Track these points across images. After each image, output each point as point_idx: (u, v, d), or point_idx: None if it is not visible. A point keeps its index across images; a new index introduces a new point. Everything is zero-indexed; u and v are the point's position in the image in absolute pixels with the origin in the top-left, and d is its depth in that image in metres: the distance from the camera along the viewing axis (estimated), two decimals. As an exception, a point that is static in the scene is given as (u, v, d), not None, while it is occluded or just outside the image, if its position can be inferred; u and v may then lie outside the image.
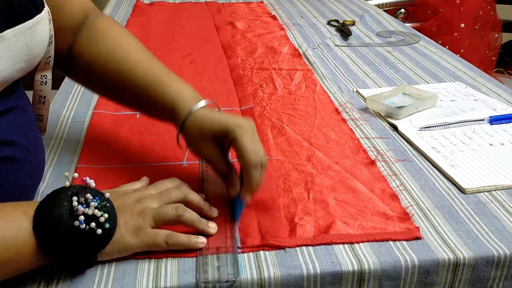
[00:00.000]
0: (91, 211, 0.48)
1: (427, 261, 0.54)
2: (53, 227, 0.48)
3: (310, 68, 1.08)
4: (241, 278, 0.51)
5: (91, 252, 0.50)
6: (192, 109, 0.61)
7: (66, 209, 0.48)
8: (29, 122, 0.61)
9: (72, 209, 0.48)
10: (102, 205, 0.50)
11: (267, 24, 1.41)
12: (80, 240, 0.48)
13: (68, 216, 0.48)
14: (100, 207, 0.49)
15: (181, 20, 1.43)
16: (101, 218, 0.49)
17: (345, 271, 0.53)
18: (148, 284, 0.50)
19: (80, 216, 0.48)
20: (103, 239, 0.50)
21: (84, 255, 0.50)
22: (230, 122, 0.58)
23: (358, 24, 1.44)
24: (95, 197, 0.50)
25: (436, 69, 1.10)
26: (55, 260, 0.49)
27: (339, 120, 0.85)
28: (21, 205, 0.51)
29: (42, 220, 0.48)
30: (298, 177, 0.69)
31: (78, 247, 0.49)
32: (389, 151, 0.76)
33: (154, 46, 1.20)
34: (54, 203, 0.49)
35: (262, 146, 0.58)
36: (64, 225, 0.48)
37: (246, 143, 0.56)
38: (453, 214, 0.62)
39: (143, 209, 0.54)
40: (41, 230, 0.48)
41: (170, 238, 0.53)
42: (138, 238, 0.52)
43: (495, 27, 2.32)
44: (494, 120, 0.84)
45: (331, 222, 0.59)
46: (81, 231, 0.48)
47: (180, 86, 0.65)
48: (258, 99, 0.93)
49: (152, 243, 0.53)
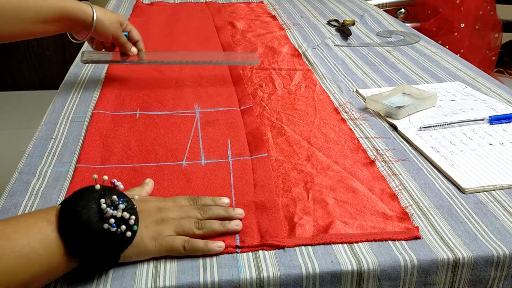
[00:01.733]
0: (119, 213, 0.49)
1: (426, 261, 0.54)
2: (82, 231, 0.47)
3: (310, 68, 1.08)
4: (240, 277, 0.51)
5: (117, 253, 0.50)
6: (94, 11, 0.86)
7: (95, 211, 0.48)
8: None
9: (101, 212, 0.48)
10: (129, 207, 0.51)
11: (267, 24, 1.41)
12: (109, 242, 0.49)
13: (97, 219, 0.48)
14: (128, 209, 0.50)
15: (181, 20, 1.43)
16: (130, 220, 0.50)
17: (344, 270, 0.53)
18: (147, 284, 0.50)
19: (110, 219, 0.48)
20: (128, 241, 0.50)
21: (110, 256, 0.50)
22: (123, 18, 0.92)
23: (358, 24, 1.44)
24: (120, 198, 0.50)
25: (436, 69, 1.10)
26: (81, 263, 0.49)
27: (339, 120, 0.85)
28: (42, 214, 0.49)
29: (71, 224, 0.47)
30: (298, 177, 0.69)
31: (106, 248, 0.49)
32: (388, 151, 0.76)
33: (154, 46, 1.20)
34: (82, 206, 0.48)
35: None
36: (94, 228, 0.48)
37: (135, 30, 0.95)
38: (452, 214, 0.62)
39: (164, 218, 0.55)
40: (70, 234, 0.47)
41: (188, 244, 0.53)
42: (157, 242, 0.53)
43: (495, 27, 2.32)
44: (494, 120, 0.84)
45: (331, 221, 0.59)
46: (111, 234, 0.48)
47: None
48: (258, 99, 0.93)
49: (170, 248, 0.53)
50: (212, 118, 0.85)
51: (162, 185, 0.66)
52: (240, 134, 0.80)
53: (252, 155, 0.74)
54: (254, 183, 0.67)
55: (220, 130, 0.81)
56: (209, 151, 0.74)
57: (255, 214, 0.60)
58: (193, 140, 0.78)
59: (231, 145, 0.76)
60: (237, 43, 1.24)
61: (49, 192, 0.64)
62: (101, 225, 0.48)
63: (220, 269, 0.52)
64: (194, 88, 0.98)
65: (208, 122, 0.83)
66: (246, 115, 0.86)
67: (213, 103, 0.91)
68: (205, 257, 0.54)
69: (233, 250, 0.55)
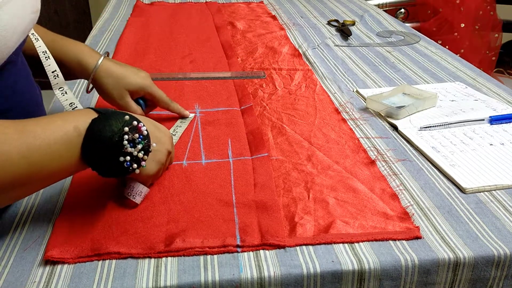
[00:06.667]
0: (135, 152, 0.55)
1: (427, 260, 0.54)
2: (99, 153, 0.53)
3: (310, 68, 1.08)
4: (241, 277, 0.51)
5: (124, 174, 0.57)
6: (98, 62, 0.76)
7: (115, 142, 0.54)
8: None
9: (122, 143, 0.54)
10: (146, 147, 0.57)
11: (267, 24, 1.41)
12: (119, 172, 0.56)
13: (115, 151, 0.54)
14: (144, 149, 0.56)
15: (181, 20, 1.43)
16: (142, 162, 0.57)
17: (345, 270, 0.53)
18: (148, 283, 0.50)
19: (126, 157, 0.54)
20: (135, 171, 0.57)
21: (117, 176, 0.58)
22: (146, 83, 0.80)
23: (358, 24, 1.44)
24: (140, 136, 0.56)
25: (436, 69, 1.10)
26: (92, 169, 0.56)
27: (339, 120, 0.85)
28: (71, 118, 0.54)
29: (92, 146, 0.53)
30: (298, 177, 0.69)
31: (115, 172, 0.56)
32: (389, 151, 0.76)
33: (154, 46, 1.20)
34: (106, 131, 0.53)
35: None
36: (110, 157, 0.54)
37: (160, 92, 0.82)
38: (453, 213, 0.62)
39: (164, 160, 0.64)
40: (90, 153, 0.53)
41: None
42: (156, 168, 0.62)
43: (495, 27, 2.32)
44: (494, 120, 0.84)
45: (331, 221, 0.59)
46: (123, 167, 0.55)
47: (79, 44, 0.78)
48: (258, 99, 0.93)
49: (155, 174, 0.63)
50: (212, 117, 0.85)
51: (162, 185, 0.66)
52: (240, 134, 0.80)
53: (253, 155, 0.74)
54: (255, 183, 0.67)
55: (221, 129, 0.81)
56: (209, 151, 0.74)
57: (255, 214, 0.60)
58: (193, 139, 0.78)
59: (231, 145, 0.76)
60: (237, 43, 1.24)
61: (50, 191, 0.64)
62: (117, 157, 0.54)
63: (221, 269, 0.52)
64: (194, 87, 0.98)
65: (209, 122, 0.83)
66: (246, 115, 0.86)
67: (214, 103, 0.91)
68: (206, 256, 0.54)
69: (234, 250, 0.55)
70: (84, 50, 0.77)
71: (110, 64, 0.78)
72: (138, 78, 0.79)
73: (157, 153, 0.62)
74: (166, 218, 0.59)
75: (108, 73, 0.77)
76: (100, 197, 0.63)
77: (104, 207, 0.61)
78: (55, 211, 0.61)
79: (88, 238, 0.56)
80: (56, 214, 0.60)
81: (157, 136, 0.62)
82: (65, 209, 0.61)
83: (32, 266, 0.52)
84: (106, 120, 0.54)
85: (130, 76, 0.79)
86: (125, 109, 0.79)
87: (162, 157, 0.63)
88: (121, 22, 1.40)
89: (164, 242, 0.55)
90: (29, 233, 0.57)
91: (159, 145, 0.62)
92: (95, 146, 0.53)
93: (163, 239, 0.56)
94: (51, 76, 0.72)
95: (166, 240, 0.56)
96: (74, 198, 0.63)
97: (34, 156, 0.49)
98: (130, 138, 0.55)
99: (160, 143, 0.63)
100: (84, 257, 0.53)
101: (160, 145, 0.63)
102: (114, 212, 0.60)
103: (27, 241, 0.56)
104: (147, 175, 0.61)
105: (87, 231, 0.57)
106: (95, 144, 0.53)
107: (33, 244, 0.56)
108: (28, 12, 0.59)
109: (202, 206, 0.62)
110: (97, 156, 0.54)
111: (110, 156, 0.54)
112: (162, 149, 0.63)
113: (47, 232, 0.57)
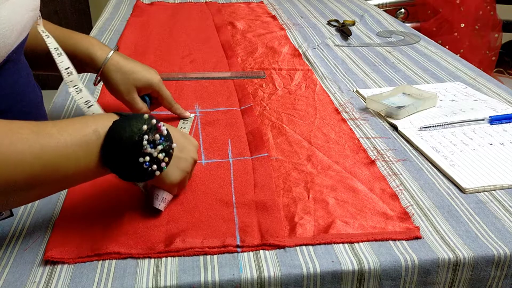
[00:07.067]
0: (156, 153, 0.54)
1: (427, 260, 0.54)
2: (119, 154, 0.52)
3: (310, 68, 1.08)
4: (241, 277, 0.51)
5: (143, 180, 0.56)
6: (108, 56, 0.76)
7: (134, 142, 0.52)
8: None
9: (141, 143, 0.53)
10: (167, 148, 0.55)
11: (267, 24, 1.41)
12: (139, 173, 0.54)
13: (135, 151, 0.52)
14: (165, 150, 0.55)
15: (181, 20, 1.43)
16: (162, 163, 0.55)
17: (345, 270, 0.53)
18: (148, 283, 0.50)
19: (146, 157, 0.53)
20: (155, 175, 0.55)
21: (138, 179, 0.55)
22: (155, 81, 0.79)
23: (358, 24, 1.44)
24: (161, 137, 0.55)
25: (436, 69, 1.10)
26: None
27: (339, 120, 0.85)
28: (91, 122, 0.53)
29: (111, 147, 0.52)
30: (298, 177, 0.69)
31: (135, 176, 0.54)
32: (389, 151, 0.76)
33: (154, 46, 1.20)
34: (126, 132, 0.52)
35: None
36: (129, 160, 0.52)
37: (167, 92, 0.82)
38: (453, 213, 0.62)
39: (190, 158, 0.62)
40: (110, 156, 0.52)
41: None
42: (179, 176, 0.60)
43: (495, 27, 2.32)
44: (494, 120, 0.84)
45: (331, 221, 0.59)
46: (143, 168, 0.53)
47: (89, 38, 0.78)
48: (258, 99, 0.93)
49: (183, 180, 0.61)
50: (212, 118, 0.85)
51: (162, 185, 0.66)
52: (240, 134, 0.80)
53: (253, 155, 0.74)
54: (255, 183, 0.67)
55: (221, 130, 0.81)
56: (209, 151, 0.74)
57: (255, 214, 0.60)
58: (193, 140, 0.78)
59: (231, 145, 0.76)
60: (237, 43, 1.24)
61: (50, 192, 0.64)
62: (137, 158, 0.53)
63: (221, 269, 0.52)
64: (194, 87, 0.98)
65: (209, 122, 0.83)
66: (246, 115, 0.86)
67: (214, 102, 0.91)
68: (206, 256, 0.54)
69: (233, 250, 0.55)
70: (95, 43, 0.77)
71: (120, 59, 0.77)
72: (148, 75, 0.79)
73: (182, 161, 0.60)
74: (166, 218, 0.59)
75: (117, 67, 0.76)
76: (100, 198, 0.63)
77: (104, 207, 0.61)
78: (55, 211, 0.61)
79: (88, 238, 0.56)
80: (56, 214, 0.60)
81: (182, 143, 0.61)
82: (65, 209, 0.61)
83: (32, 266, 0.52)
84: (126, 120, 0.53)
85: (140, 72, 0.78)
86: (131, 105, 0.79)
87: (187, 165, 0.61)
88: (121, 22, 1.40)
89: (164, 242, 0.55)
90: (29, 233, 0.57)
91: (184, 152, 0.61)
92: (114, 146, 0.52)
93: (163, 239, 0.56)
94: (64, 74, 0.70)
95: (166, 240, 0.56)
96: (74, 198, 0.63)
97: (48, 157, 0.48)
98: (150, 138, 0.53)
99: (186, 150, 0.61)
100: (84, 257, 0.53)
101: (185, 153, 0.61)
102: (114, 212, 0.60)
103: (27, 241, 0.56)
104: (171, 183, 0.59)
105: (87, 231, 0.57)
106: (115, 144, 0.52)
107: (33, 244, 0.56)
108: (27, 9, 0.59)
109: (202, 206, 0.62)
110: (116, 157, 0.52)
111: (129, 156, 0.52)
112: (187, 157, 0.61)
113: (47, 232, 0.57)
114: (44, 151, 0.48)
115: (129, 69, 0.77)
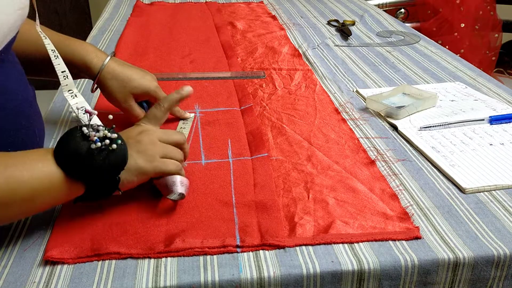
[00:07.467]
0: (101, 133, 0.54)
1: (427, 260, 0.54)
2: (73, 156, 0.53)
3: (310, 68, 1.08)
4: (241, 277, 0.51)
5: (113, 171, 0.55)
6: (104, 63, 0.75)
7: (80, 138, 0.54)
8: None
9: (86, 136, 0.54)
10: (110, 131, 0.55)
11: (267, 24, 1.41)
12: (100, 159, 0.54)
13: (84, 143, 0.53)
14: (109, 131, 0.55)
15: (181, 20, 1.43)
16: (112, 135, 0.55)
17: (345, 270, 0.53)
18: (148, 284, 0.50)
19: (94, 138, 0.53)
20: (120, 158, 0.56)
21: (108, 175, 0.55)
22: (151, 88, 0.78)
23: (358, 24, 1.44)
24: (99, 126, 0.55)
25: (436, 69, 1.10)
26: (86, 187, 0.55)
27: (339, 120, 0.85)
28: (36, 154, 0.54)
29: (63, 155, 0.53)
30: (298, 177, 0.69)
31: (99, 166, 0.54)
32: (389, 151, 0.76)
33: (154, 46, 1.20)
34: (68, 139, 0.54)
35: None
36: (82, 150, 0.53)
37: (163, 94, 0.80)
38: (453, 213, 0.62)
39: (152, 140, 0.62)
40: (65, 163, 0.53)
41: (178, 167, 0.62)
42: (152, 164, 0.59)
43: (495, 27, 2.32)
44: (494, 120, 0.84)
45: (331, 221, 0.59)
46: (98, 150, 0.53)
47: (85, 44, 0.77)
48: (258, 99, 0.93)
49: (165, 168, 0.60)
50: (212, 118, 0.85)
51: (162, 185, 0.66)
52: (240, 134, 0.80)
53: (253, 155, 0.74)
54: (255, 183, 0.67)
55: (220, 130, 0.81)
56: (209, 151, 0.75)
57: (255, 214, 0.60)
58: (193, 140, 0.78)
59: (231, 145, 0.76)
60: (237, 43, 1.24)
61: (50, 192, 0.64)
62: (88, 145, 0.53)
63: (221, 269, 0.52)
64: (194, 87, 0.97)
65: (208, 122, 0.83)
66: (246, 115, 0.86)
67: (213, 103, 0.91)
68: (206, 256, 0.54)
69: (233, 250, 0.55)
70: (90, 50, 0.76)
71: (116, 66, 0.77)
72: (144, 82, 0.78)
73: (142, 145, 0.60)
74: (166, 218, 0.59)
75: (113, 75, 0.76)
76: (100, 197, 0.63)
77: (104, 207, 0.61)
78: (55, 211, 0.61)
79: (88, 238, 0.56)
80: (56, 214, 0.60)
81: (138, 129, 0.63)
82: (65, 209, 0.61)
83: (32, 266, 0.52)
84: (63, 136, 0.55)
85: (136, 80, 0.77)
86: (129, 112, 0.78)
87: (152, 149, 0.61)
88: (121, 22, 1.40)
89: (164, 242, 0.55)
90: (29, 233, 0.57)
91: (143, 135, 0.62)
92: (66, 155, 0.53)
93: (162, 239, 0.56)
94: (61, 77, 0.71)
95: (165, 240, 0.56)
96: (74, 198, 0.63)
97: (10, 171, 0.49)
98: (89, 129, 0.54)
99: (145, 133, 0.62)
100: (84, 257, 0.53)
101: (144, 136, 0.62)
102: (114, 212, 0.60)
103: (27, 241, 0.56)
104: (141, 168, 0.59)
105: (87, 231, 0.57)
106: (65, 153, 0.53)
107: (33, 244, 0.56)
108: (15, 8, 0.58)
109: (202, 206, 0.62)
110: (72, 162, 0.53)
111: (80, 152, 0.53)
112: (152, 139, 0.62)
113: (47, 232, 0.57)
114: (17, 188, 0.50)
115: (126, 77, 0.77)
